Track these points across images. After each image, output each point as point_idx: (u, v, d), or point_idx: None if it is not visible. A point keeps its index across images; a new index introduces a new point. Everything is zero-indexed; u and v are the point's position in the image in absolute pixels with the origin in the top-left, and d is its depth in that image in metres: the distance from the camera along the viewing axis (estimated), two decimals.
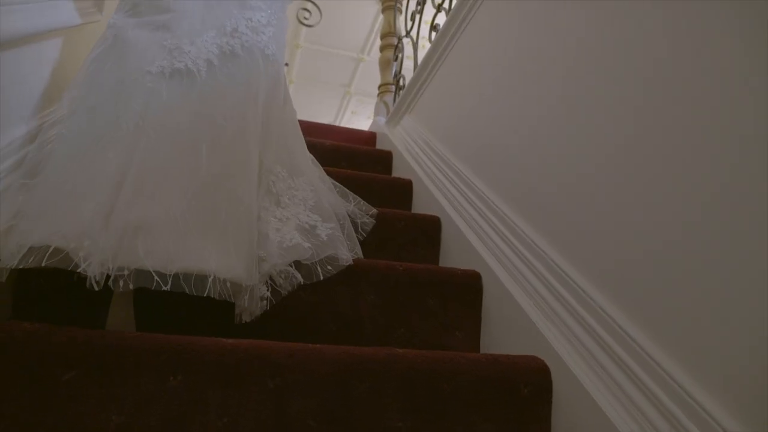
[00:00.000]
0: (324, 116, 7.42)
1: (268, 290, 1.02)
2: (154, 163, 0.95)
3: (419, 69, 2.14)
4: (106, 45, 1.09)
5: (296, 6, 3.42)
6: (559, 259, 1.07)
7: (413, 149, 2.01)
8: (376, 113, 2.73)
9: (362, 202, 1.42)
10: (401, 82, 2.56)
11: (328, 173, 1.57)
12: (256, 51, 1.16)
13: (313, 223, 1.14)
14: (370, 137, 2.49)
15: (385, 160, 2.15)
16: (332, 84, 6.80)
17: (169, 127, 1.00)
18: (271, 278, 1.04)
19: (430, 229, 1.53)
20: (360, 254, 1.23)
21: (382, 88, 2.78)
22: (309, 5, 3.57)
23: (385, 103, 2.68)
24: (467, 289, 1.23)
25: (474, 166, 1.56)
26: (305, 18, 3.57)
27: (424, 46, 2.36)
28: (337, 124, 7.57)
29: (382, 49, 2.87)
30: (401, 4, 2.86)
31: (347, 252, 1.15)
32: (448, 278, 1.23)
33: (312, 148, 1.39)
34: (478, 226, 1.38)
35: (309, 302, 1.10)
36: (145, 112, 1.00)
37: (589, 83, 1.06)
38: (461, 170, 1.61)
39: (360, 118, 7.45)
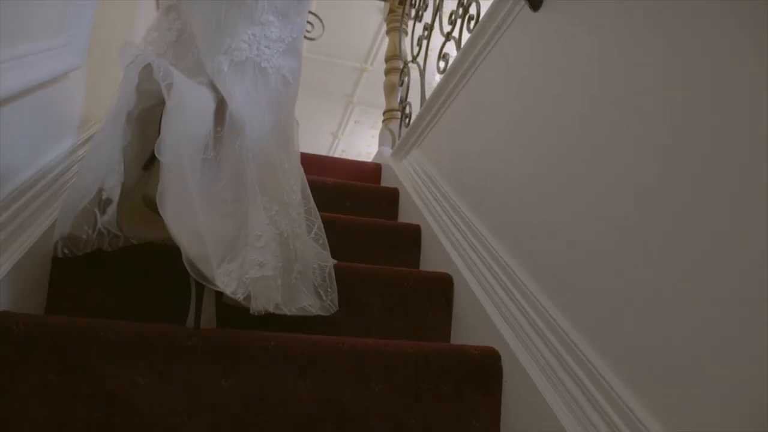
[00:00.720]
0: (326, 126, 7.32)
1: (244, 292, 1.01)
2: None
3: (427, 104, 2.02)
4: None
5: None
6: (581, 342, 0.96)
7: (421, 190, 1.90)
8: (381, 142, 2.61)
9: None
10: (407, 110, 2.43)
11: (330, 219, 1.46)
12: (249, 64, 1.18)
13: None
14: (375, 170, 2.38)
15: (390, 197, 2.04)
16: (335, 94, 6.69)
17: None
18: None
19: (444, 287, 1.42)
20: (335, 304, 1.19)
21: (387, 114, 2.66)
22: (311, 18, 3.49)
23: (391, 131, 2.56)
24: (484, 369, 1.12)
25: (483, 216, 1.45)
26: (307, 31, 3.49)
27: (429, 56, 2.24)
28: (339, 133, 7.46)
29: (387, 72, 2.75)
30: (407, 26, 2.74)
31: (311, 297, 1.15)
32: (464, 357, 1.12)
33: (313, 186, 1.29)
34: (494, 292, 1.27)
35: (308, 393, 1.00)
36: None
37: (616, 135, 0.95)
38: (472, 221, 1.49)
39: (363, 128, 7.34)
